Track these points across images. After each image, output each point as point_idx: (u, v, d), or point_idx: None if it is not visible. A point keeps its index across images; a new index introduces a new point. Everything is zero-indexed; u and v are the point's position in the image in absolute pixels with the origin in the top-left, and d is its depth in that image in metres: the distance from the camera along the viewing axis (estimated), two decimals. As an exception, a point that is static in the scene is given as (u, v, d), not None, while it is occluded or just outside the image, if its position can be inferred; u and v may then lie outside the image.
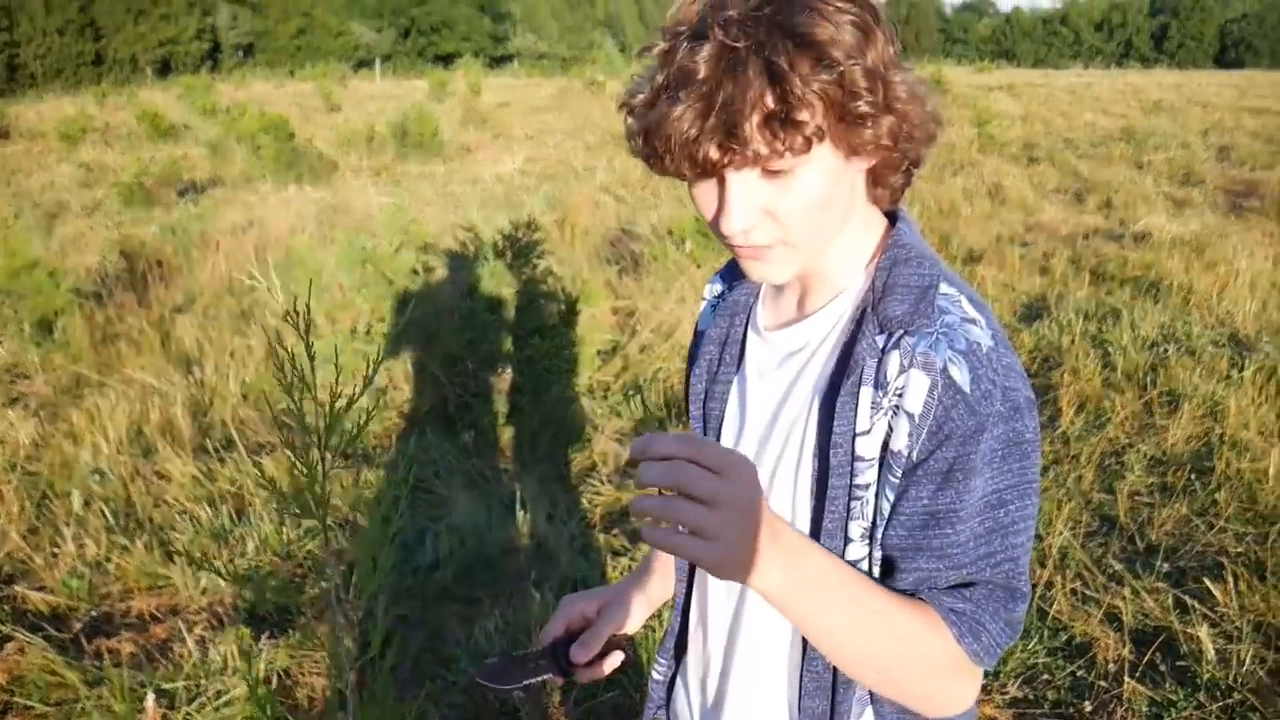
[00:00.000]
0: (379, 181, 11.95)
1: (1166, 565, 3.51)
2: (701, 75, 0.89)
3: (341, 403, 1.49)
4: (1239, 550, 3.58)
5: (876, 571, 1.03)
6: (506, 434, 4.72)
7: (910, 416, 0.97)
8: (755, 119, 0.88)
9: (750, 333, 1.19)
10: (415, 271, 5.47)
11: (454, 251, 6.28)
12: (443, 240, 7.12)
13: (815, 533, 1.05)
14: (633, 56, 1.02)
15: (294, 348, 1.40)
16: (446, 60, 60.33)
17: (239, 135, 13.70)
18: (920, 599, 1.00)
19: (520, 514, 3.88)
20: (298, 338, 1.44)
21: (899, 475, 0.99)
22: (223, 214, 9.39)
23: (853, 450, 1.00)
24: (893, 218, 1.11)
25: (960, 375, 0.96)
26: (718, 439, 1.21)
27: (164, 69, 55.00)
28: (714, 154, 0.91)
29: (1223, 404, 4.66)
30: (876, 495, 1.00)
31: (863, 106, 0.92)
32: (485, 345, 5.05)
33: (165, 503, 4.03)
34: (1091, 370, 5.10)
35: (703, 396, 1.22)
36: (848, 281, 1.08)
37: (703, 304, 1.31)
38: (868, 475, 1.00)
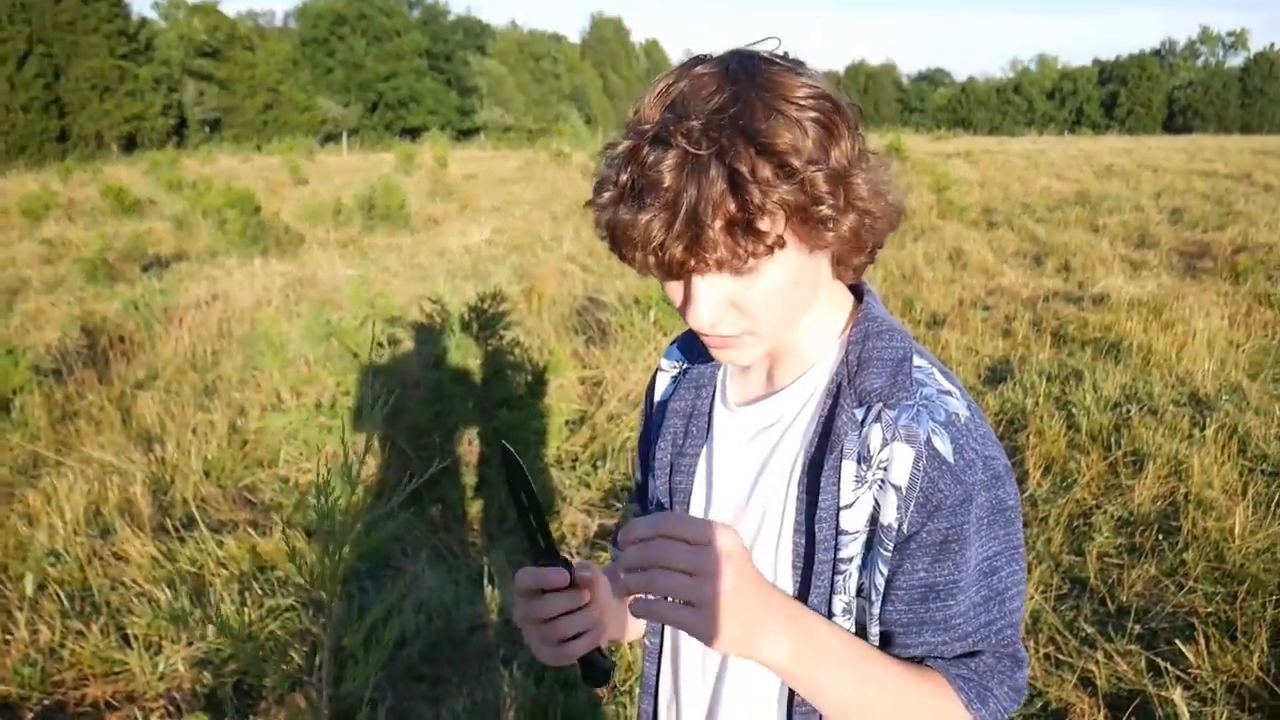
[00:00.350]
0: (346, 254, 11.95)
1: (1138, 627, 3.51)
2: (665, 183, 0.89)
3: (307, 480, 1.46)
4: (1209, 610, 3.59)
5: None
6: (474, 507, 4.66)
7: (898, 489, 0.98)
8: (718, 225, 0.89)
9: (719, 407, 1.18)
10: (381, 344, 5.45)
11: (420, 323, 6.26)
12: (409, 312, 7.11)
13: (798, 596, 1.05)
14: (600, 150, 1.04)
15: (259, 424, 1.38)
16: (414, 133, 61.00)
17: (205, 209, 13.69)
18: (926, 666, 1.01)
19: (489, 589, 3.82)
20: (260, 413, 1.42)
21: (891, 549, 0.99)
22: (187, 288, 9.33)
23: (837, 524, 1.01)
24: (857, 291, 1.13)
25: (943, 446, 0.98)
26: (683, 512, 1.20)
27: (130, 144, 55.11)
28: (679, 258, 0.91)
29: (1186, 463, 4.70)
30: (862, 569, 1.01)
31: (825, 210, 0.93)
32: (452, 417, 5.01)
33: (123, 584, 3.93)
34: (1056, 432, 5.14)
35: (668, 470, 1.21)
36: (818, 356, 1.09)
37: (660, 374, 1.30)
38: (851, 549, 1.01)
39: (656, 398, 1.29)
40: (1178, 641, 3.35)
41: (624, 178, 0.93)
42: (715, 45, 1.02)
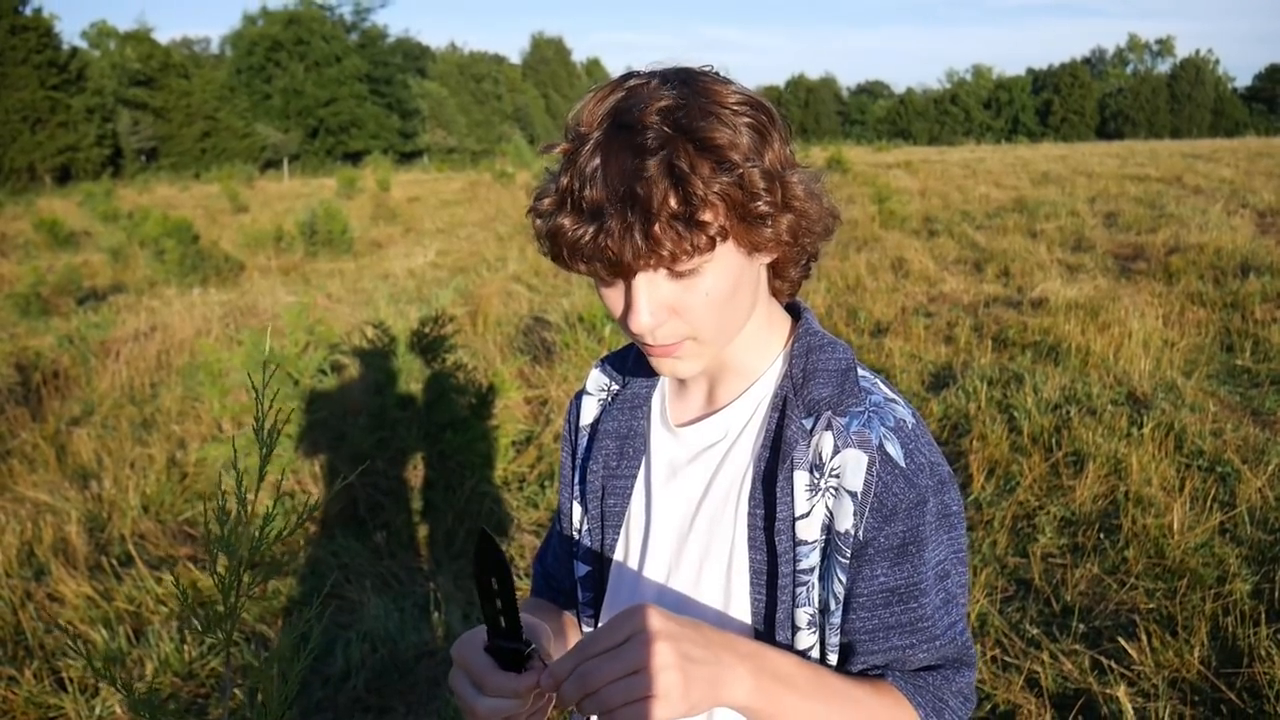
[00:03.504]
0: (288, 281, 11.80)
1: (1083, 626, 3.55)
2: (606, 180, 0.90)
3: (248, 510, 1.42)
4: (1150, 606, 3.64)
5: (832, 658, 1.03)
6: (420, 532, 4.61)
7: (853, 495, 0.98)
8: (662, 219, 0.89)
9: (657, 428, 1.17)
10: (323, 371, 5.37)
11: (363, 349, 6.19)
12: (352, 337, 7.02)
13: (762, 624, 1.04)
14: (537, 152, 1.03)
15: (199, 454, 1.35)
16: (355, 158, 60.59)
17: (142, 240, 13.46)
18: (880, 681, 1.01)
19: (435, 615, 3.77)
20: (200, 444, 1.39)
21: (849, 556, 0.99)
22: (124, 320, 9.15)
23: (794, 535, 1.00)
24: (793, 309, 1.14)
25: (895, 451, 0.99)
26: (615, 537, 1.18)
27: (64, 176, 54.13)
28: (626, 256, 0.91)
29: (1125, 462, 4.78)
30: (822, 579, 1.01)
31: (762, 206, 0.94)
32: (396, 442, 4.95)
33: (58, 627, 3.82)
34: (999, 435, 5.21)
35: (600, 493, 1.19)
36: (760, 371, 1.10)
37: (585, 398, 1.27)
38: (811, 559, 1.00)
39: (583, 421, 1.26)
40: (1121, 639, 3.39)
41: (564, 182, 0.93)
42: (651, 65, 1.02)
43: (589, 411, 1.26)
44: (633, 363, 1.23)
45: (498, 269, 11.60)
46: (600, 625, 0.89)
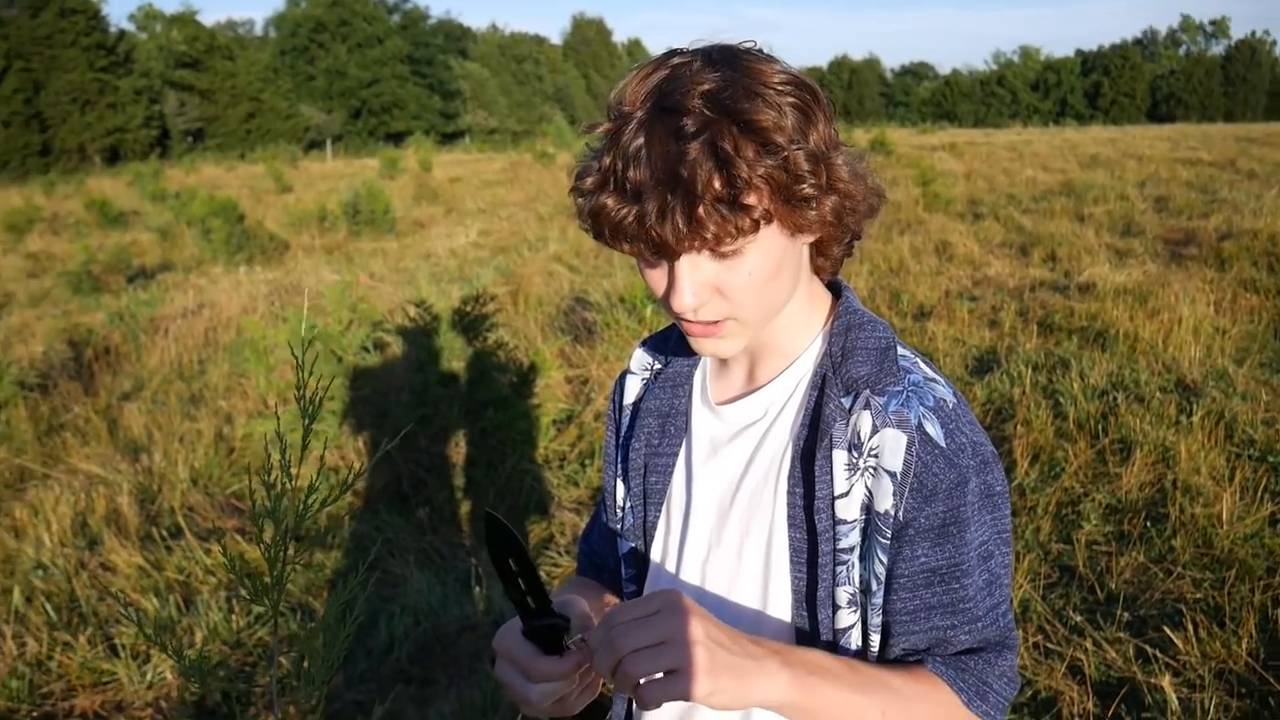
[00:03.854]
0: (331, 260, 11.92)
1: (1127, 614, 3.51)
2: (650, 162, 0.89)
3: (299, 484, 1.44)
4: (1197, 596, 3.59)
5: (874, 638, 1.02)
6: (462, 508, 4.65)
7: (892, 475, 0.98)
8: (706, 201, 0.88)
9: (698, 406, 1.17)
10: (366, 348, 5.43)
11: (405, 327, 6.24)
12: (394, 316, 7.09)
13: (803, 602, 1.03)
14: (579, 131, 1.03)
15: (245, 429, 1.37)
16: (397, 138, 60.93)
17: (189, 219, 13.66)
18: (919, 667, 1.00)
19: (477, 590, 3.81)
20: (247, 419, 1.41)
21: (889, 536, 0.98)
22: (172, 298, 9.30)
23: (833, 514, 1.00)
24: (834, 287, 1.14)
25: (934, 430, 0.98)
26: (657, 514, 1.18)
27: (113, 157, 54.98)
28: (669, 237, 0.90)
29: (1173, 450, 4.71)
30: (863, 559, 1.00)
31: (806, 189, 0.93)
32: (438, 420, 5.00)
33: (110, 595, 3.91)
34: (1044, 420, 5.15)
35: (643, 471, 1.20)
36: (800, 350, 1.09)
37: (629, 377, 1.28)
38: (851, 538, 1.00)
39: (626, 400, 1.27)
40: (1166, 628, 3.35)
41: (607, 161, 0.93)
42: (693, 43, 1.01)
43: (632, 390, 1.26)
44: (675, 342, 1.23)
45: (539, 249, 11.63)
46: (636, 599, 0.89)
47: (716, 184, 0.88)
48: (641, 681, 0.85)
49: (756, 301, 0.98)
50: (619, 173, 0.92)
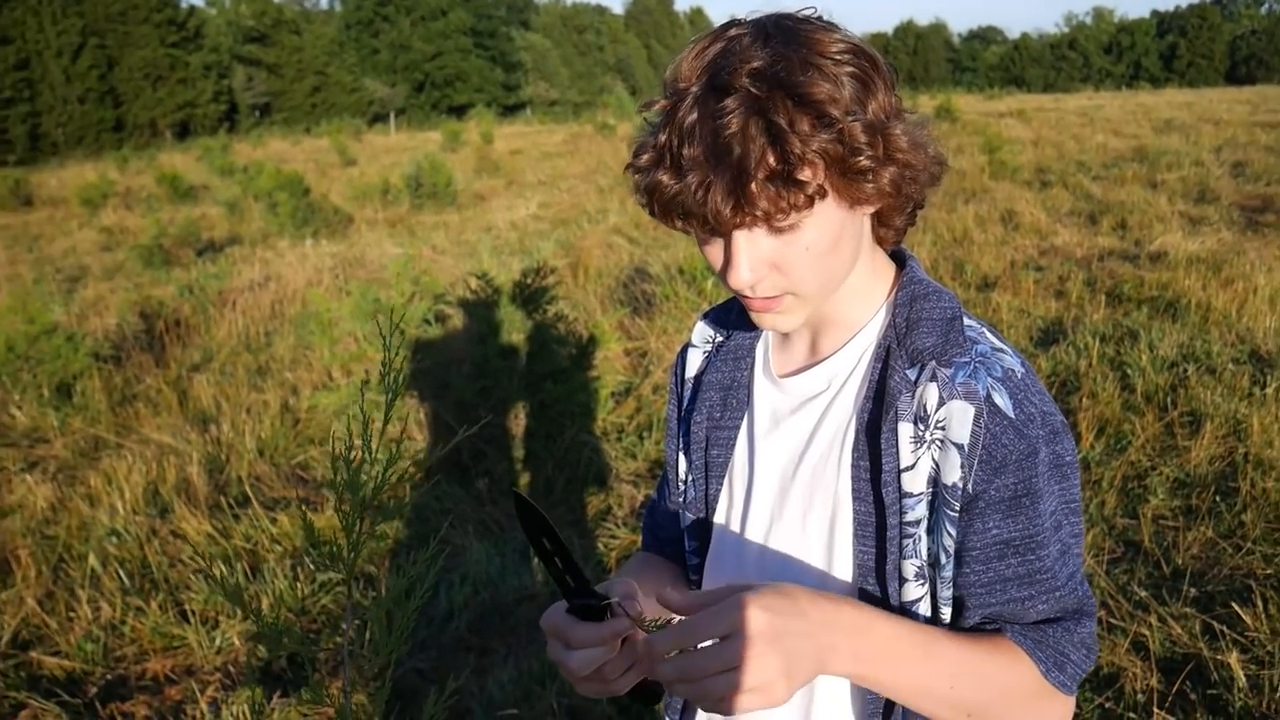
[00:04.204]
0: (394, 233, 12.06)
1: (1194, 590, 3.44)
2: (704, 137, 0.89)
3: (368, 456, 1.47)
4: (1268, 572, 3.50)
5: (945, 611, 1.01)
6: (521, 480, 4.70)
7: (960, 447, 0.97)
8: (760, 178, 0.88)
9: (760, 378, 1.17)
10: (428, 321, 5.50)
11: (466, 299, 6.30)
12: (456, 289, 7.16)
13: (870, 576, 1.03)
14: (636, 109, 1.03)
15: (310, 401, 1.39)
16: (460, 111, 61.27)
17: (256, 193, 13.90)
18: (998, 635, 0.99)
19: (534, 561, 3.85)
20: (311, 391, 1.44)
21: (958, 510, 0.98)
22: (240, 271, 9.49)
23: (899, 487, 1.00)
24: (898, 256, 1.12)
25: (1003, 401, 0.97)
26: (719, 487, 1.18)
27: (183, 131, 56.11)
28: (723, 214, 0.90)
29: (1245, 423, 4.58)
30: (930, 532, 1.00)
31: (864, 161, 0.92)
32: (498, 392, 5.05)
33: (181, 562, 4.03)
34: (1110, 393, 5.04)
35: (704, 444, 1.20)
36: (863, 321, 1.08)
37: (691, 350, 1.28)
38: (918, 511, 0.99)
39: (688, 374, 1.27)
40: (1234, 604, 3.27)
41: (662, 139, 0.93)
42: (752, 13, 1.00)
43: (694, 363, 1.26)
44: (736, 315, 1.23)
45: (598, 221, 11.64)
46: (702, 603, 0.89)
47: (770, 159, 0.87)
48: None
49: (815, 276, 0.97)
50: (674, 149, 0.91)
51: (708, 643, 0.87)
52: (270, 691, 3.13)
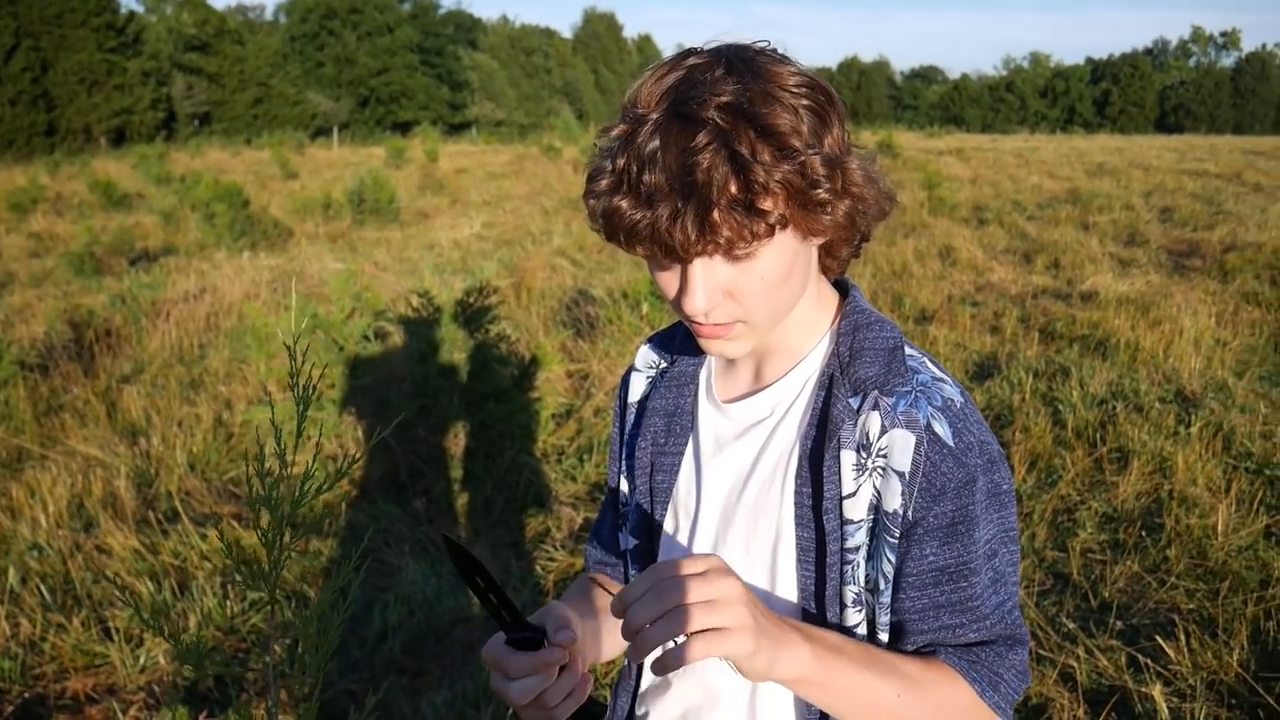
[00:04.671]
0: (335, 248, 11.92)
1: (1119, 623, 3.51)
2: (669, 166, 0.89)
3: (296, 471, 1.45)
4: (1190, 607, 3.60)
5: (882, 636, 1.03)
6: (459, 500, 4.66)
7: (901, 475, 0.98)
8: (722, 205, 0.89)
9: (704, 404, 1.17)
10: (367, 337, 5.43)
11: (407, 317, 6.24)
12: (397, 306, 7.09)
13: (810, 601, 1.04)
14: (595, 136, 1.02)
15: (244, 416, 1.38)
16: (405, 128, 60.90)
17: (193, 203, 13.64)
18: (933, 657, 1.01)
19: (472, 583, 3.81)
20: (246, 406, 1.42)
21: (898, 536, 0.99)
22: (174, 282, 9.30)
23: (841, 514, 1.01)
24: (841, 286, 1.14)
25: (943, 430, 0.99)
26: (664, 511, 1.18)
27: (119, 138, 54.92)
28: (688, 241, 0.90)
29: (1171, 460, 4.71)
30: (870, 558, 1.01)
31: (822, 194, 0.93)
32: (438, 410, 5.00)
33: (105, 578, 3.91)
34: (1042, 427, 5.15)
35: (649, 469, 1.20)
36: (807, 349, 1.09)
37: (634, 374, 1.28)
38: (858, 537, 1.00)
39: (631, 398, 1.27)
40: (1159, 638, 3.35)
41: (621, 163, 0.93)
42: (708, 42, 1.01)
43: (637, 388, 1.27)
44: (680, 340, 1.23)
45: (543, 242, 11.63)
46: (685, 556, 0.90)
47: (733, 188, 0.88)
48: (681, 639, 0.84)
49: (768, 304, 0.99)
50: (634, 175, 0.92)
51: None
52: (196, 712, 3.05)
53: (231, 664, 3.31)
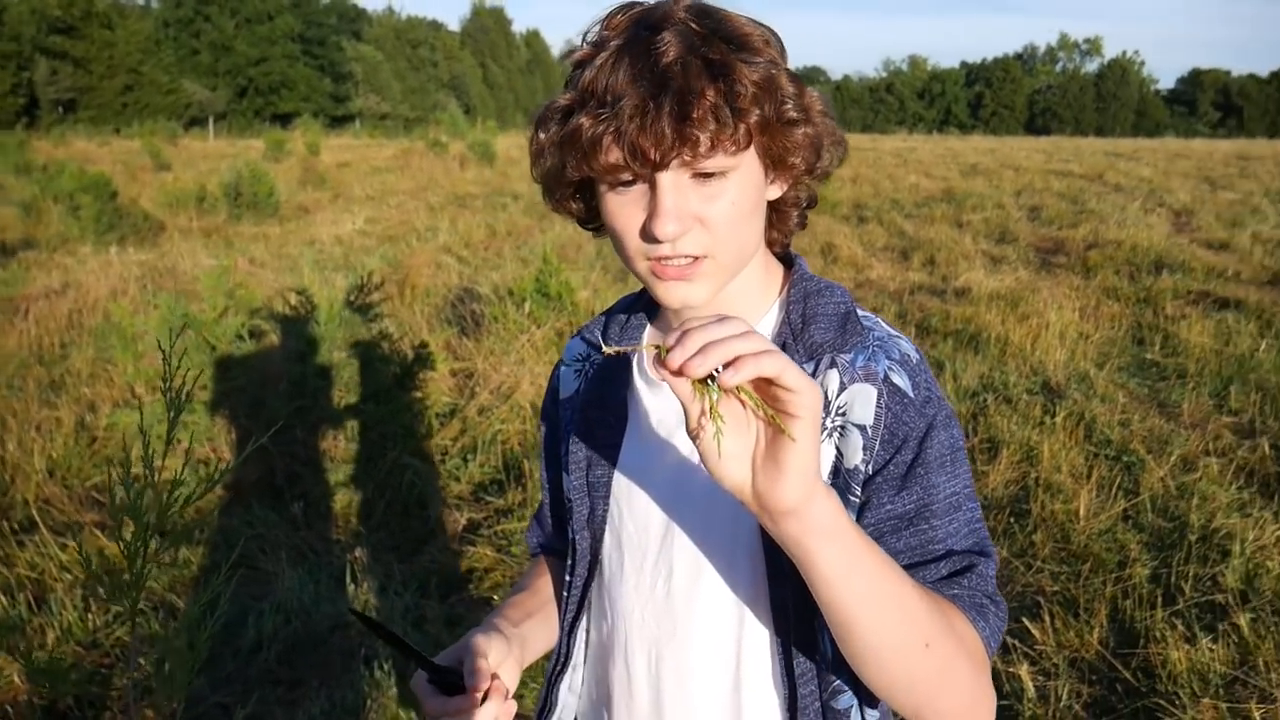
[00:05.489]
0: (209, 243, 11.51)
1: (989, 608, 3.64)
2: (637, 72, 0.90)
3: (156, 475, 1.38)
4: (1054, 589, 3.75)
5: None
6: (339, 503, 4.54)
7: (862, 429, 0.97)
8: (700, 110, 0.89)
9: (641, 388, 1.13)
10: (241, 337, 5.26)
11: (285, 315, 6.06)
12: (274, 304, 6.88)
13: (777, 575, 1.00)
14: (558, 58, 1.02)
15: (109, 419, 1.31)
16: (285, 120, 59.24)
17: (56, 195, 12.98)
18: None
19: (351, 587, 3.73)
20: (111, 409, 1.35)
21: (859, 494, 0.98)
22: (34, 277, 8.85)
23: None
24: (785, 258, 1.13)
25: (902, 382, 0.99)
26: (606, 505, 1.14)
27: (-25, 125, 51.94)
28: (665, 140, 0.89)
29: (1037, 449, 4.90)
30: None
31: (791, 111, 0.95)
32: (316, 412, 4.88)
33: (-45, 593, 3.69)
34: (918, 420, 5.30)
35: (585, 465, 1.16)
36: (756, 319, 1.08)
37: (564, 369, 1.25)
38: None
39: (562, 394, 1.24)
40: (1024, 620, 3.49)
41: (586, 78, 0.93)
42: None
43: (568, 383, 1.24)
44: (609, 329, 1.20)
45: (428, 239, 11.45)
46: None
47: (710, 92, 0.89)
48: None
49: (736, 239, 0.98)
50: (600, 88, 0.91)
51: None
52: (54, 732, 2.90)
53: (93, 681, 3.16)
